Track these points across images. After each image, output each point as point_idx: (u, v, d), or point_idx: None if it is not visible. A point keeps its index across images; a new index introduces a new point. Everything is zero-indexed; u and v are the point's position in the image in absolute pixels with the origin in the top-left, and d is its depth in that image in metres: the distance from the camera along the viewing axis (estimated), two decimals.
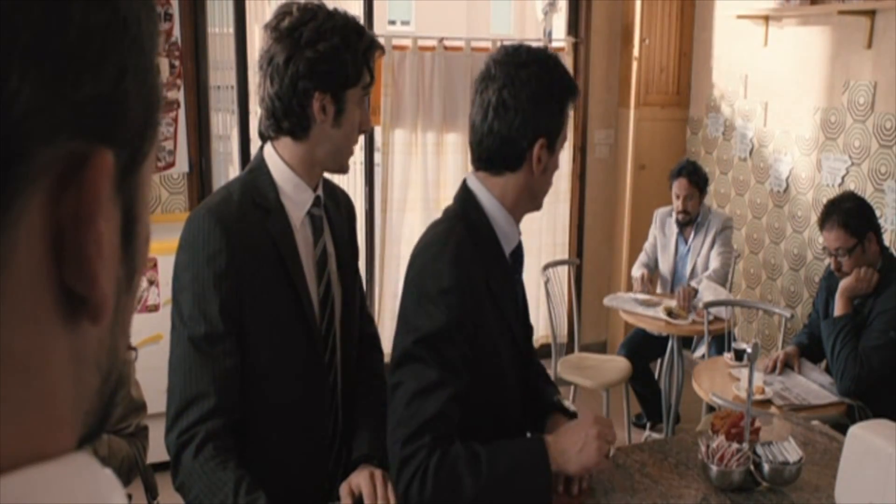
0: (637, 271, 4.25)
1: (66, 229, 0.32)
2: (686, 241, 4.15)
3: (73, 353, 0.34)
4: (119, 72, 0.33)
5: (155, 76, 0.36)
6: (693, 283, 3.97)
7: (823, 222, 2.99)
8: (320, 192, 1.61)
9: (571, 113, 1.58)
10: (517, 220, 1.60)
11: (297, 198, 1.55)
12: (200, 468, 1.41)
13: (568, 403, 1.73)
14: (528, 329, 1.80)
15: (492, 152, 1.53)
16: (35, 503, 0.31)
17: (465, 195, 1.58)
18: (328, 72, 1.46)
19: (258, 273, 1.49)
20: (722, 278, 3.97)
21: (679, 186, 4.04)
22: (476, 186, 1.57)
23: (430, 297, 1.47)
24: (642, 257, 4.32)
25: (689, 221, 4.09)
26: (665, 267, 4.24)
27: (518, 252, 1.65)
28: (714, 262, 3.99)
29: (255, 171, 1.55)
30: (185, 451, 1.43)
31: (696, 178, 4.02)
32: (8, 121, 0.29)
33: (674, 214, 4.13)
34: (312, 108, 1.48)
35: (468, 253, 1.50)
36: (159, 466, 2.46)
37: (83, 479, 0.34)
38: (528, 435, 1.72)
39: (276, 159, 1.54)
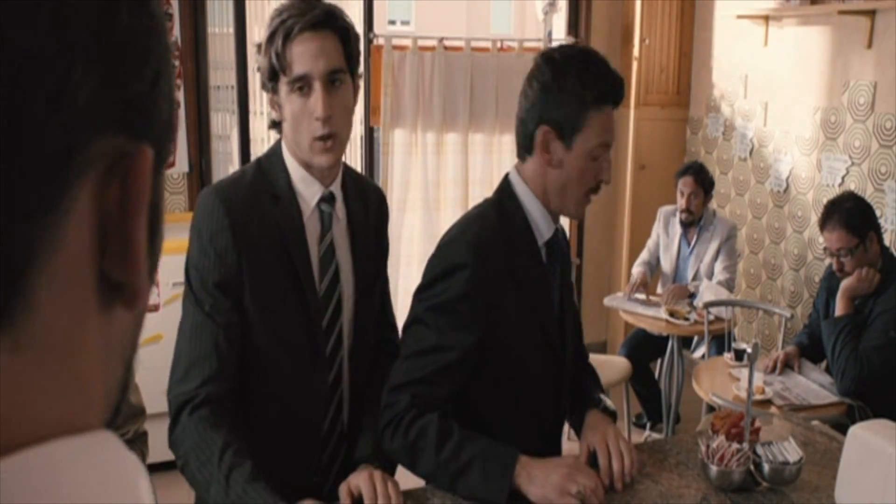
0: (636, 269, 4.24)
1: (111, 219, 0.34)
2: (689, 243, 4.14)
3: (105, 340, 0.36)
4: (155, 73, 0.35)
5: (175, 78, 0.38)
6: (691, 287, 3.97)
7: (824, 223, 2.99)
8: (335, 188, 1.63)
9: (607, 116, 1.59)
10: (553, 215, 1.66)
11: (304, 190, 1.60)
12: (194, 425, 1.48)
13: (609, 402, 1.76)
14: (568, 321, 1.76)
15: (516, 136, 1.66)
16: (64, 475, 0.32)
17: (504, 185, 1.67)
18: (261, 73, 1.57)
19: (261, 256, 1.54)
20: (729, 289, 3.96)
21: (684, 183, 4.05)
22: (514, 178, 1.66)
23: (444, 270, 1.56)
24: (644, 255, 4.31)
25: (693, 222, 4.09)
26: (667, 266, 4.23)
27: (554, 244, 1.68)
28: (720, 276, 3.98)
29: (272, 157, 1.61)
30: (184, 409, 1.50)
31: (702, 178, 4.03)
32: (73, 112, 0.31)
33: (678, 214, 4.13)
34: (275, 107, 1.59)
35: (491, 237, 1.59)
36: (160, 466, 2.47)
37: (111, 456, 0.35)
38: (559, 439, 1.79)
39: (286, 148, 1.61)
